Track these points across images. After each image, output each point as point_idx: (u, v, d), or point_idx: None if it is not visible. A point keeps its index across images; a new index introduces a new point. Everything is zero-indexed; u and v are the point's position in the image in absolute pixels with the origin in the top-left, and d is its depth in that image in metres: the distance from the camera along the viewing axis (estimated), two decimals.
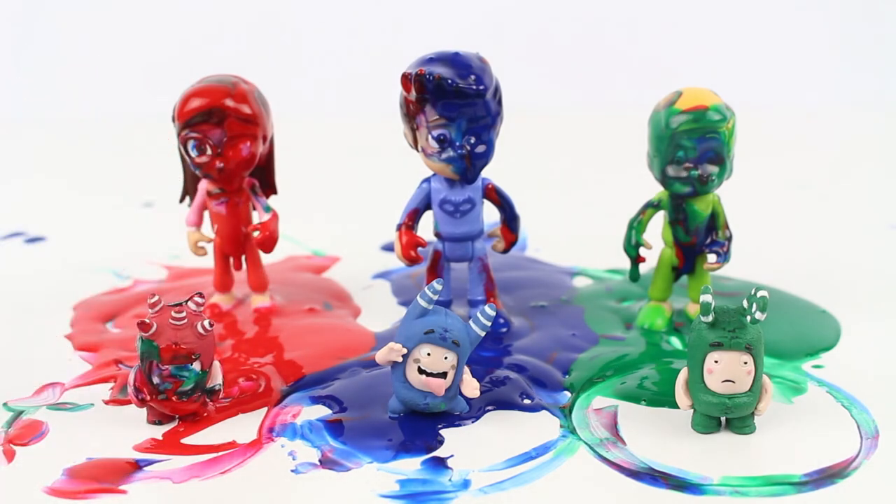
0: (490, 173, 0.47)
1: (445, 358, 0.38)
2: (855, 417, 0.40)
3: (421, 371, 0.38)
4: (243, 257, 0.52)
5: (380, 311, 0.52)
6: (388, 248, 0.62)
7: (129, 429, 0.40)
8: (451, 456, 0.37)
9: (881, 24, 1.14)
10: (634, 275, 0.50)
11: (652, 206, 0.49)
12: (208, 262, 0.53)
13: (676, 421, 0.40)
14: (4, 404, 0.42)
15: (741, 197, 0.55)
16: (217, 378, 0.40)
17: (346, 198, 0.77)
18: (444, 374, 0.38)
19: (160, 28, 1.10)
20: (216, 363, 0.40)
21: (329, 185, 0.81)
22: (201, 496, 0.35)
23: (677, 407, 0.39)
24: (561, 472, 0.36)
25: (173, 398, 0.39)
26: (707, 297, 0.38)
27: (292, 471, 0.36)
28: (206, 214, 0.51)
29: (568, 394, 0.42)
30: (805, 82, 1.14)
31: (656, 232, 0.49)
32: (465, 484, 0.35)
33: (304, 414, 0.41)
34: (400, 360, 0.39)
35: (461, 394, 0.40)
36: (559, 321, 0.50)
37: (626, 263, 0.50)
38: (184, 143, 0.47)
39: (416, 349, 0.38)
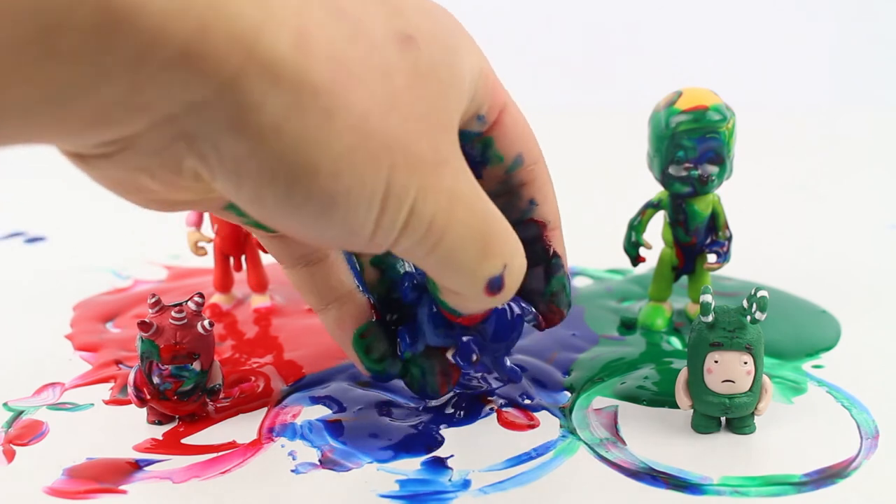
0: None
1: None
2: (855, 417, 0.40)
3: None
4: (243, 258, 0.52)
5: None
6: None
7: (129, 429, 0.40)
8: (451, 456, 0.37)
9: (880, 24, 1.14)
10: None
11: (652, 206, 0.49)
12: (208, 262, 0.53)
13: (676, 421, 0.40)
14: (4, 404, 0.42)
15: (741, 197, 0.55)
16: (217, 378, 0.40)
17: None
18: None
19: None
20: (216, 363, 0.40)
21: None
22: (201, 496, 0.35)
23: (677, 407, 0.39)
24: (561, 472, 0.36)
25: (173, 398, 0.39)
26: (707, 297, 0.38)
27: (292, 471, 0.36)
28: (207, 214, 0.51)
29: (568, 394, 0.42)
30: (805, 82, 1.14)
31: (656, 232, 0.49)
32: (465, 484, 0.35)
33: (304, 414, 0.41)
34: None
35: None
36: None
37: (626, 263, 0.50)
38: None
39: None
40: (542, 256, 0.37)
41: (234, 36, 0.24)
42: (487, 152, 0.35)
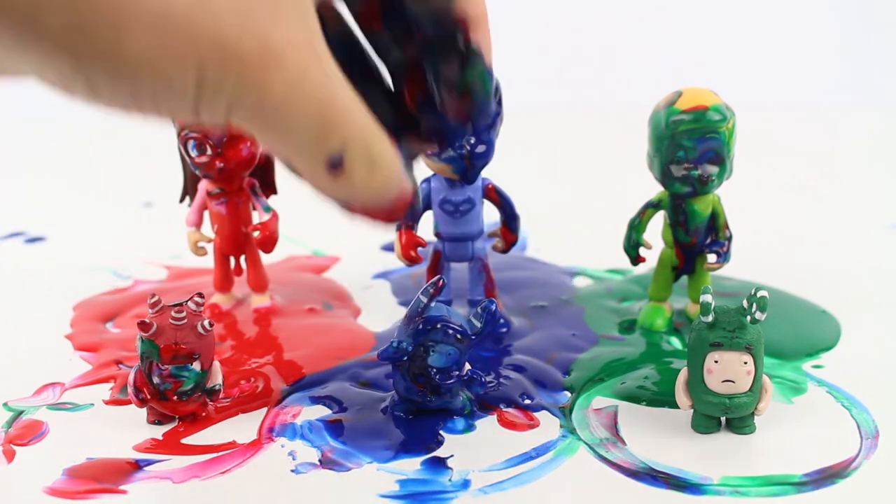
0: (490, 173, 0.47)
1: (449, 354, 0.38)
2: (855, 417, 0.40)
3: (427, 367, 0.38)
4: (243, 259, 0.52)
5: (380, 311, 0.52)
6: (389, 248, 0.62)
7: (129, 429, 0.40)
8: (451, 456, 0.37)
9: (881, 24, 1.14)
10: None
11: (652, 206, 0.49)
12: (208, 262, 0.53)
13: (676, 421, 0.40)
14: (4, 404, 0.42)
15: (741, 197, 0.55)
16: (217, 378, 0.40)
17: None
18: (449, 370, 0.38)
19: None
20: (216, 363, 0.40)
21: None
22: (201, 496, 0.35)
23: (677, 407, 0.39)
24: (561, 472, 0.36)
25: (173, 398, 0.39)
26: (707, 297, 0.38)
27: (292, 471, 0.37)
28: (207, 214, 0.51)
29: (568, 394, 0.42)
30: (805, 82, 1.14)
31: (656, 232, 0.49)
32: (465, 484, 0.35)
33: (304, 414, 0.41)
34: None
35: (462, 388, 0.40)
36: (559, 321, 0.50)
37: (626, 263, 0.50)
38: (184, 142, 0.47)
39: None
40: (457, 49, 0.33)
41: None
42: None
